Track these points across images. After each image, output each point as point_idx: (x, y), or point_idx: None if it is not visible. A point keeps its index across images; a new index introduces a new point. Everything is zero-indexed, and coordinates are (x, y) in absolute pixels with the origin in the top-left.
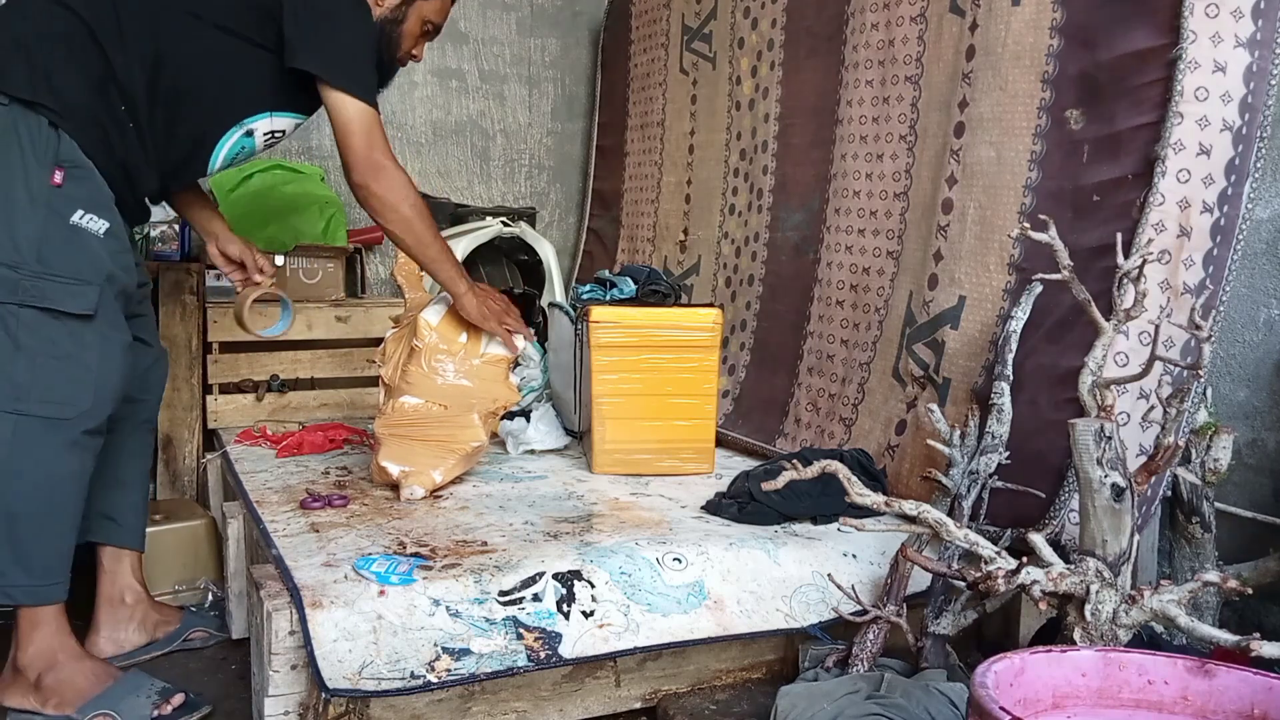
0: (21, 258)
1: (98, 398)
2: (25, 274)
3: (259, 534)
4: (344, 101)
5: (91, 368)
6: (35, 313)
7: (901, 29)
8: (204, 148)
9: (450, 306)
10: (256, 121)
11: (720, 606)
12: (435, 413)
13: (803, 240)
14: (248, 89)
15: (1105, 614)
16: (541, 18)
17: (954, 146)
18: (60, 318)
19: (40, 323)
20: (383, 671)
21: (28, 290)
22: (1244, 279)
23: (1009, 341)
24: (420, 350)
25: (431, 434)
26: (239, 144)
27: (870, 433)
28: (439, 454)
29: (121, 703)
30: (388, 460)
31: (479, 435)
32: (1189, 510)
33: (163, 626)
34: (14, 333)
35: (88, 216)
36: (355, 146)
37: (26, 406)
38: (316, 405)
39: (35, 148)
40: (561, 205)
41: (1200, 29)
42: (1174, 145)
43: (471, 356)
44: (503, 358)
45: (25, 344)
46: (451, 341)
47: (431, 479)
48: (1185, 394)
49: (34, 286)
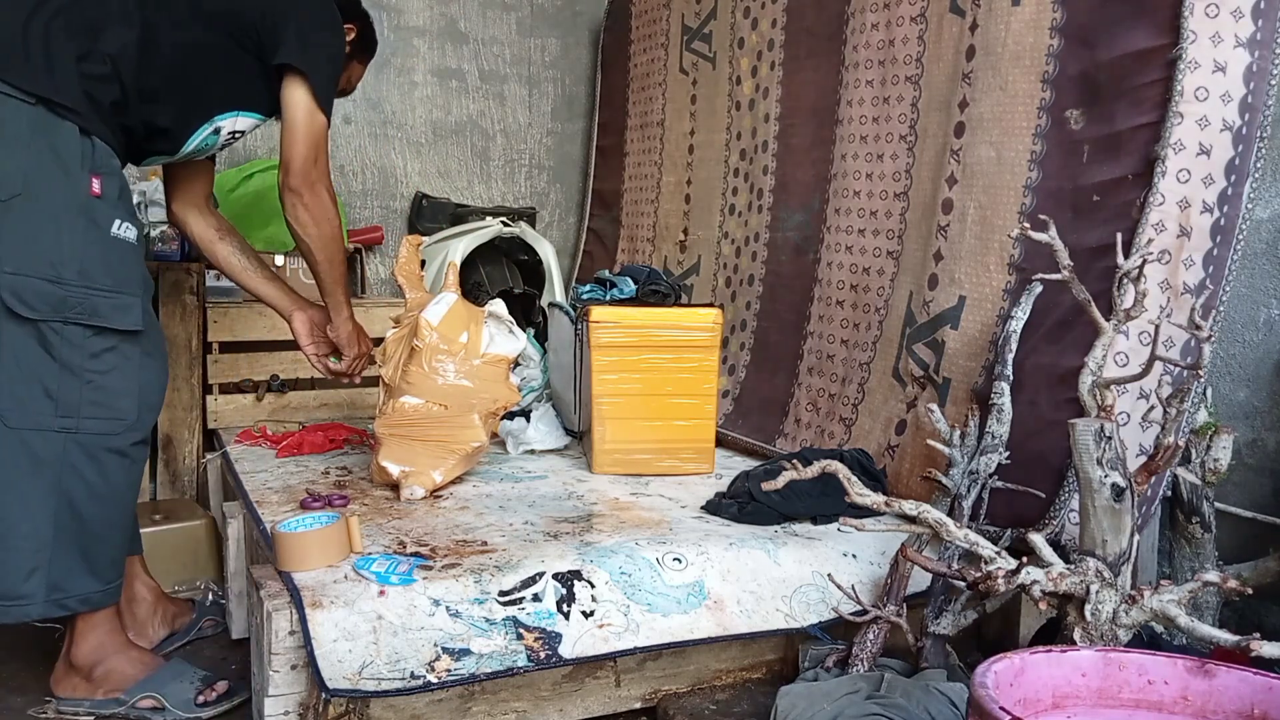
0: (64, 273)
1: (142, 409)
2: (72, 289)
3: (259, 534)
4: (308, 105)
5: (134, 379)
6: (79, 329)
7: (901, 29)
8: (181, 133)
9: (451, 307)
10: (224, 119)
11: (720, 606)
12: (435, 413)
13: (803, 240)
14: (224, 85)
15: (1105, 614)
16: (541, 18)
17: (954, 146)
18: (104, 333)
19: (84, 339)
20: (383, 671)
21: (75, 306)
22: (1244, 279)
23: (1009, 341)
24: (421, 350)
25: (432, 434)
26: (205, 140)
27: (870, 433)
28: (439, 454)
29: (166, 687)
30: (388, 460)
31: (479, 435)
32: (1189, 510)
33: (180, 619)
34: (57, 350)
35: (124, 226)
36: (301, 153)
37: (74, 424)
38: (316, 405)
39: (70, 154)
40: (561, 205)
41: (1200, 29)
42: (1174, 145)
43: (472, 356)
44: (503, 357)
45: (69, 360)
46: (452, 341)
47: (432, 479)
48: (1185, 394)
49: (82, 302)
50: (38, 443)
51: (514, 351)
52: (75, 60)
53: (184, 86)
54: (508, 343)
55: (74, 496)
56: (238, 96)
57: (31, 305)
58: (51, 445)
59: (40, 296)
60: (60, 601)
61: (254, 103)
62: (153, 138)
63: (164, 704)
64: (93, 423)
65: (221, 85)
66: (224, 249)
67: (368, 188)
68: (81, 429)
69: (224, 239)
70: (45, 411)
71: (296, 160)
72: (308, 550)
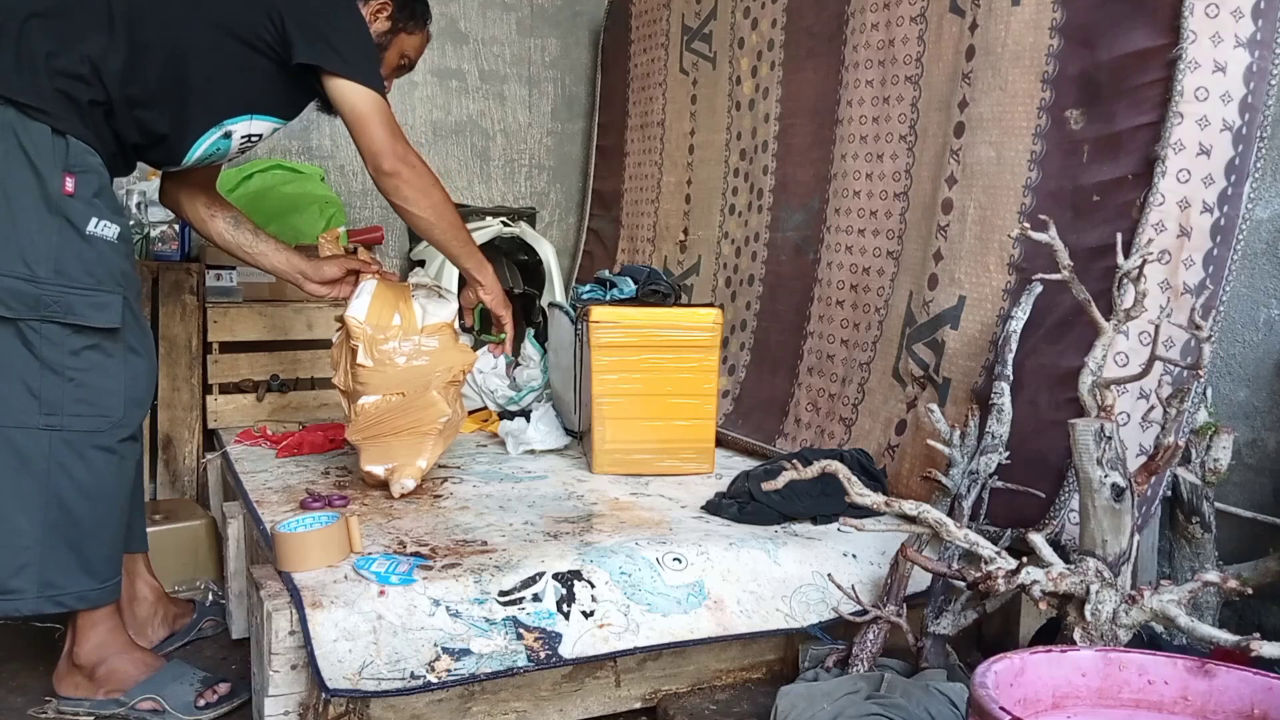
0: (38, 271)
1: (128, 406)
2: (46, 288)
3: (259, 534)
4: (357, 92)
5: (119, 376)
6: (58, 327)
7: (901, 29)
8: (181, 141)
9: (373, 294)
10: (236, 124)
11: (720, 606)
12: (396, 403)
13: (803, 240)
14: (232, 88)
15: (1105, 614)
16: (541, 18)
17: (954, 146)
18: (83, 331)
19: (63, 337)
20: (383, 671)
21: (50, 305)
22: (1244, 279)
23: (1009, 341)
24: (360, 348)
25: (399, 424)
26: (215, 145)
27: (870, 433)
28: (414, 442)
29: (166, 688)
30: (370, 464)
31: (444, 409)
32: (1189, 510)
33: (180, 619)
34: (37, 349)
35: (101, 224)
36: (379, 136)
37: (59, 421)
38: (316, 405)
39: (41, 154)
40: (561, 205)
41: (1200, 29)
42: (1174, 145)
43: (411, 334)
44: (443, 324)
45: (50, 359)
46: (386, 328)
47: (417, 468)
48: (1185, 394)
49: (57, 300)
50: (23, 440)
51: (450, 315)
52: (46, 58)
53: (181, 90)
54: (441, 308)
55: (63, 494)
56: (250, 99)
57: (8, 304)
58: (37, 443)
59: (16, 296)
60: (54, 598)
61: (270, 106)
62: (152, 145)
63: (164, 706)
64: (78, 420)
65: (230, 88)
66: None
67: (367, 188)
68: (66, 426)
69: (217, 215)
70: (29, 409)
71: (375, 145)
72: (307, 550)
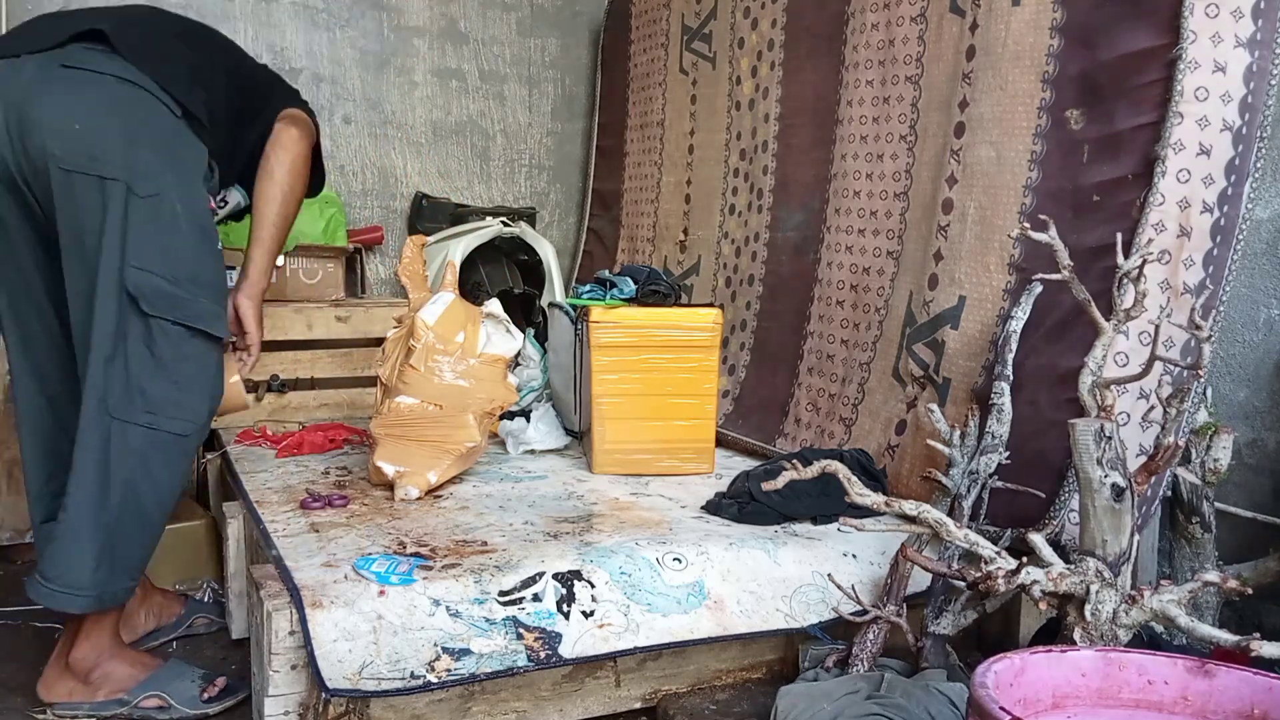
0: (180, 275)
1: (209, 413)
2: (185, 292)
3: (259, 534)
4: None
5: (210, 383)
6: (182, 330)
7: (901, 29)
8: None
9: (448, 306)
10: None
11: (720, 606)
12: (431, 413)
13: (803, 240)
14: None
15: (1105, 614)
16: (541, 18)
17: (954, 146)
18: (198, 336)
19: (182, 339)
20: (383, 671)
21: (185, 309)
22: (1244, 279)
23: (1009, 341)
24: (417, 350)
25: (427, 434)
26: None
27: (870, 433)
28: (434, 454)
29: (169, 685)
30: (383, 460)
31: (474, 435)
32: (1189, 510)
33: (168, 612)
34: (157, 347)
35: (220, 244)
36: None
37: (156, 420)
38: (316, 405)
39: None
40: (561, 205)
41: (1200, 29)
42: (1174, 145)
43: (469, 356)
44: (500, 357)
45: (164, 359)
46: (449, 341)
47: (426, 480)
48: (1185, 394)
49: (192, 306)
50: (127, 435)
51: (511, 351)
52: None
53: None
54: (505, 342)
55: (140, 492)
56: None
57: (151, 302)
58: (136, 439)
59: (159, 295)
60: (110, 595)
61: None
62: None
63: (169, 702)
64: (170, 421)
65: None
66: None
67: (367, 188)
68: (160, 427)
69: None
70: (137, 405)
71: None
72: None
